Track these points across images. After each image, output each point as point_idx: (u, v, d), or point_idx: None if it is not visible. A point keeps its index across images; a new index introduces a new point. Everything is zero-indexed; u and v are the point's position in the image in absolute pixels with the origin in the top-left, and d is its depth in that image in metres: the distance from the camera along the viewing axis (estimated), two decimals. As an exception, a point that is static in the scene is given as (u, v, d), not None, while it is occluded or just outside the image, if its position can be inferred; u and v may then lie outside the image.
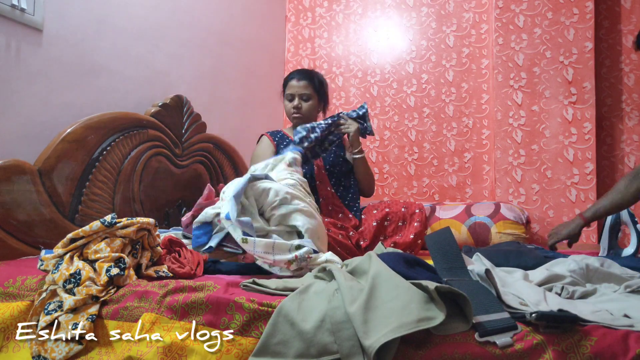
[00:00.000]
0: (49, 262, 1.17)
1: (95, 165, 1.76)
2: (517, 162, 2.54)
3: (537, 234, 2.49)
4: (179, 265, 1.25)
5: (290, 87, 2.09)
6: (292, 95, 2.08)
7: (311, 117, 2.11)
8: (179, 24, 2.33)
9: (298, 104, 2.06)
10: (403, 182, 2.91)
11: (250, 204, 1.40)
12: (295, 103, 2.07)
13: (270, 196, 1.41)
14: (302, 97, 2.08)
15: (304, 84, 2.08)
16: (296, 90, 2.07)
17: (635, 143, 2.57)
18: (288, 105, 2.10)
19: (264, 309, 0.98)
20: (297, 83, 2.08)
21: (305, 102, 2.08)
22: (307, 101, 2.08)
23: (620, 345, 0.81)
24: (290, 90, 2.08)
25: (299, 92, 2.07)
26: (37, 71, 1.68)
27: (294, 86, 2.08)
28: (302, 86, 2.07)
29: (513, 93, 2.56)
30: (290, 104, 2.09)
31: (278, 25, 3.21)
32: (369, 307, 0.90)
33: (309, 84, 2.08)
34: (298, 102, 2.07)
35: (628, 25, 2.60)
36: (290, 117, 2.11)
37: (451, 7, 2.88)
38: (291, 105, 2.08)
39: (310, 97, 2.09)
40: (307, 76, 2.09)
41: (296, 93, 2.07)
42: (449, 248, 1.15)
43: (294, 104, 2.07)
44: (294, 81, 2.08)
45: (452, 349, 0.86)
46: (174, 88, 2.25)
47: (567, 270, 1.18)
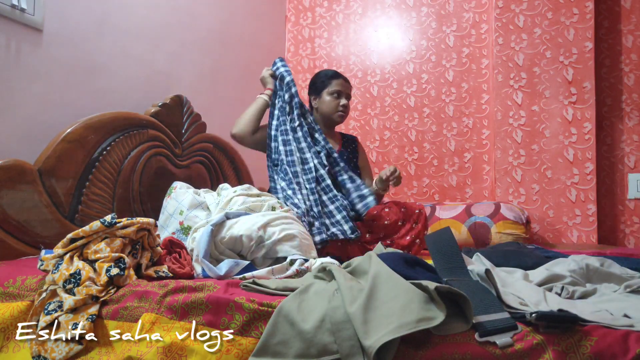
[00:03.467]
0: (49, 262, 1.17)
1: (95, 165, 1.76)
2: (517, 162, 2.54)
3: (537, 234, 2.49)
4: (179, 266, 1.25)
5: (338, 85, 2.08)
6: (340, 92, 2.08)
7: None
8: (179, 24, 2.33)
9: (346, 103, 2.09)
10: (403, 182, 2.91)
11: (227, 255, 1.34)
12: (344, 101, 2.08)
13: (244, 243, 1.35)
14: (348, 96, 2.11)
15: (348, 85, 2.12)
16: (344, 89, 2.09)
17: (635, 143, 2.57)
18: (333, 101, 2.07)
19: (264, 309, 0.98)
20: (345, 83, 2.10)
21: (347, 102, 2.11)
22: (348, 100, 2.12)
23: (620, 345, 0.81)
24: (339, 87, 2.07)
25: (346, 91, 2.10)
26: (37, 71, 1.68)
27: (343, 85, 2.09)
28: (347, 86, 2.11)
29: (513, 93, 2.56)
30: (336, 101, 2.07)
31: (278, 25, 3.21)
32: (369, 307, 0.90)
33: (349, 86, 2.14)
34: (346, 101, 2.09)
35: (628, 25, 2.60)
36: (334, 113, 2.08)
37: (451, 7, 2.88)
38: (338, 102, 2.07)
39: (349, 98, 2.14)
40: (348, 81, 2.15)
41: (344, 91, 2.09)
42: (449, 248, 1.15)
43: (343, 102, 2.07)
44: (341, 80, 2.09)
45: (452, 349, 0.86)
46: (174, 88, 2.25)
47: (567, 270, 1.18)
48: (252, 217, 1.41)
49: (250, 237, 1.34)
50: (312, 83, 2.15)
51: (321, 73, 2.14)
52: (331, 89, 2.07)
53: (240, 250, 1.36)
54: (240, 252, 1.37)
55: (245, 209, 1.50)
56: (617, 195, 2.59)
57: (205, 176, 2.33)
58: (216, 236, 1.34)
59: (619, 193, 2.58)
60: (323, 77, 2.11)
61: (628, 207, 2.57)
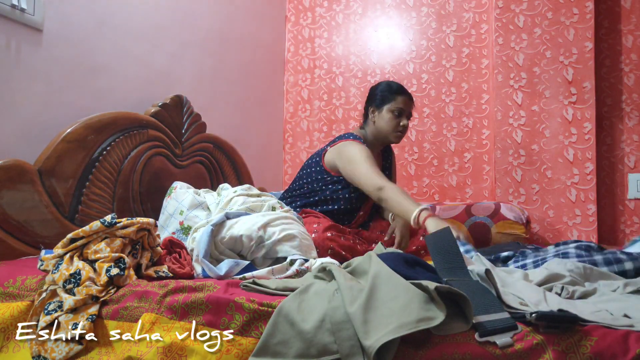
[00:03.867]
0: (49, 262, 1.17)
1: (95, 165, 1.76)
2: (517, 162, 2.54)
3: (537, 234, 2.49)
4: (179, 266, 1.25)
5: (401, 102, 1.89)
6: (403, 111, 1.89)
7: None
8: (179, 24, 2.33)
9: (406, 123, 1.90)
10: (403, 182, 2.91)
11: (227, 255, 1.34)
12: (404, 122, 1.89)
13: (244, 243, 1.34)
14: (408, 116, 1.93)
15: (412, 104, 1.95)
16: (407, 107, 1.91)
17: (635, 143, 2.57)
18: (393, 120, 1.88)
19: (264, 309, 0.98)
20: (410, 102, 1.92)
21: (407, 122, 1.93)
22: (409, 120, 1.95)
23: (620, 345, 0.81)
24: (402, 105, 1.89)
25: (408, 110, 1.92)
26: (37, 71, 1.68)
27: (407, 103, 1.91)
28: (411, 105, 1.94)
29: (513, 93, 2.56)
30: (396, 120, 1.88)
31: (278, 25, 3.21)
32: (369, 307, 0.90)
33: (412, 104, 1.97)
34: (406, 121, 1.90)
35: (628, 25, 2.60)
36: (390, 134, 1.90)
37: (451, 7, 2.88)
38: (398, 122, 1.88)
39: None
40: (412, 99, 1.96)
41: (406, 110, 1.91)
42: (449, 248, 1.15)
43: (403, 122, 1.89)
44: (406, 98, 1.91)
45: (452, 349, 0.86)
46: (174, 88, 2.25)
47: (566, 269, 1.18)
48: (252, 217, 1.41)
49: (250, 237, 1.34)
50: (374, 93, 1.96)
51: (384, 84, 1.95)
52: (395, 106, 1.88)
53: (241, 250, 1.36)
54: (241, 252, 1.37)
55: (245, 209, 1.50)
56: (617, 195, 2.59)
57: (205, 176, 2.33)
58: (216, 236, 1.34)
59: (619, 193, 2.58)
60: (387, 91, 1.92)
61: (628, 207, 2.57)
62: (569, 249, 1.40)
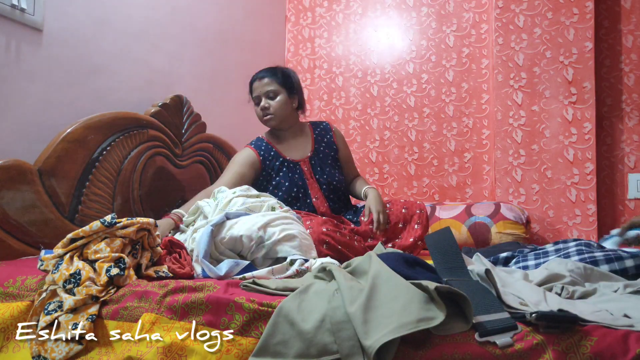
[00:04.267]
0: (49, 262, 1.17)
1: (95, 165, 1.76)
2: (517, 162, 2.54)
3: (537, 234, 2.49)
4: (179, 266, 1.25)
5: (254, 90, 1.91)
6: (258, 97, 1.89)
7: (285, 115, 1.90)
8: (179, 24, 2.33)
9: (265, 104, 1.87)
10: (403, 182, 2.91)
11: (227, 256, 1.34)
12: (262, 103, 1.88)
13: (244, 243, 1.34)
14: (267, 95, 1.88)
15: (266, 81, 1.88)
16: (260, 90, 1.89)
17: (635, 143, 2.57)
18: (257, 110, 1.91)
19: (264, 309, 0.98)
20: (259, 82, 1.89)
21: (272, 100, 1.88)
22: (273, 98, 1.88)
23: (620, 345, 0.81)
24: (255, 93, 1.90)
25: (262, 91, 1.88)
26: (37, 71, 1.68)
27: (256, 87, 1.90)
28: (264, 84, 1.88)
29: (513, 93, 2.56)
30: (258, 108, 1.91)
31: (278, 25, 3.21)
32: (369, 307, 0.90)
33: (272, 79, 1.89)
34: (265, 101, 1.87)
35: (628, 25, 2.60)
36: (263, 122, 1.93)
37: (451, 7, 2.88)
38: (259, 109, 1.90)
39: (278, 93, 1.88)
40: (268, 72, 1.90)
41: (261, 93, 1.89)
42: (449, 248, 1.15)
43: (262, 105, 1.88)
44: (255, 82, 1.90)
45: (452, 349, 0.86)
46: (174, 88, 2.25)
47: (566, 270, 1.18)
48: (252, 217, 1.41)
49: (250, 237, 1.34)
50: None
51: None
52: (252, 97, 1.94)
53: (241, 250, 1.36)
54: (241, 252, 1.37)
55: (245, 210, 1.50)
56: (617, 195, 2.59)
57: (205, 176, 2.33)
58: (216, 237, 1.34)
59: (619, 193, 2.58)
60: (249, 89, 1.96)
61: (628, 207, 2.57)
62: (570, 249, 1.40)
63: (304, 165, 1.92)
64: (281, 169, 1.91)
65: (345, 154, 2.07)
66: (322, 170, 1.94)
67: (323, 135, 2.03)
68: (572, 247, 1.42)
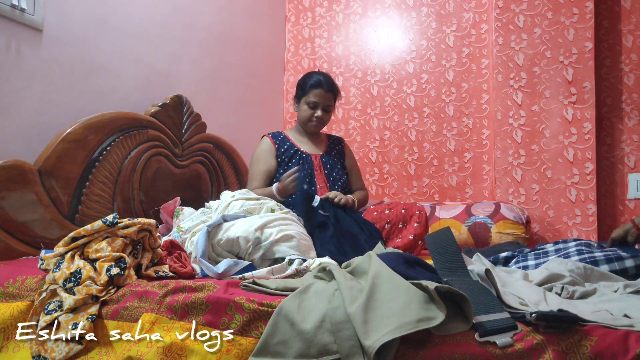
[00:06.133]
0: (49, 261, 1.17)
1: (95, 165, 1.76)
2: (517, 162, 2.54)
3: (537, 234, 2.49)
4: (181, 265, 1.25)
5: (315, 95, 2.03)
6: (317, 103, 2.03)
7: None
8: (179, 24, 2.33)
9: (321, 115, 2.04)
10: (403, 182, 2.91)
11: (224, 257, 1.34)
12: (318, 113, 2.04)
13: (241, 245, 1.35)
14: (325, 108, 2.06)
15: (330, 97, 2.06)
16: (322, 100, 2.03)
17: (635, 143, 2.57)
18: (308, 111, 2.05)
19: (264, 309, 0.98)
20: (325, 94, 2.04)
21: (327, 114, 2.07)
22: (328, 112, 2.08)
23: (620, 345, 0.81)
24: (316, 99, 2.03)
25: (324, 103, 2.04)
26: (37, 71, 1.68)
27: (321, 96, 2.03)
28: (328, 98, 2.05)
29: (513, 93, 2.56)
30: (311, 111, 2.04)
31: (278, 25, 3.21)
32: (369, 307, 0.90)
33: (332, 95, 2.07)
34: (321, 113, 2.04)
35: (628, 25, 2.60)
36: (306, 124, 2.07)
37: (451, 7, 2.88)
38: (312, 113, 2.04)
39: (331, 109, 2.10)
40: (333, 88, 2.07)
41: (321, 103, 2.04)
42: (449, 248, 1.15)
43: (317, 114, 2.04)
44: (321, 90, 2.03)
45: (452, 349, 0.86)
46: (174, 88, 2.25)
47: (566, 270, 1.18)
48: (249, 219, 1.42)
49: (247, 238, 1.34)
50: (297, 86, 2.12)
51: (306, 78, 2.09)
52: (308, 99, 2.04)
53: (238, 252, 1.36)
54: (238, 254, 1.37)
55: (243, 212, 1.51)
56: (617, 195, 2.59)
57: (205, 176, 2.33)
58: (213, 238, 1.35)
59: (619, 193, 2.58)
60: (304, 85, 2.07)
61: (628, 207, 2.57)
62: (570, 249, 1.40)
63: (314, 158, 2.07)
64: (294, 156, 2.05)
65: (350, 163, 2.22)
66: (332, 168, 2.09)
67: (335, 144, 2.22)
68: (572, 247, 1.42)
